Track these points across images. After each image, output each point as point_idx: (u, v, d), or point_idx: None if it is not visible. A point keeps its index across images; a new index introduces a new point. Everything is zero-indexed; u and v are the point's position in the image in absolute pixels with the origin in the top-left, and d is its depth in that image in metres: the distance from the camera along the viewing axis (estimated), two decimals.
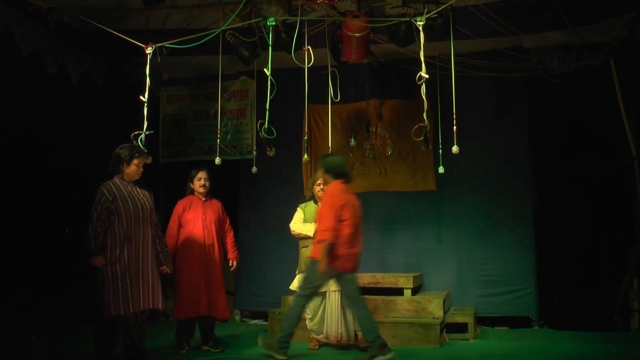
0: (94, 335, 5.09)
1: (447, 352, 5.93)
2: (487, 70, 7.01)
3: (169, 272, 5.30)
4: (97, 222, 4.94)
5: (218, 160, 6.04)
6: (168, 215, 6.15)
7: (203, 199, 6.04)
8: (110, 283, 4.90)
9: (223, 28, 5.75)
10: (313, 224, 5.85)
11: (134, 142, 5.31)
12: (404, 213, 7.68)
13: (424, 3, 5.91)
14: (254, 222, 8.04)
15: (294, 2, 5.94)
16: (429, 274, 7.47)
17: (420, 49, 5.27)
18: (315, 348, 5.98)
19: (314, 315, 5.92)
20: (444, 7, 5.54)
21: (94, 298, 5.01)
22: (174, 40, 5.67)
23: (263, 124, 5.58)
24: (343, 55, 6.26)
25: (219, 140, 6.44)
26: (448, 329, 6.45)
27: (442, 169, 6.14)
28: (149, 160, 5.39)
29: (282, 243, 7.33)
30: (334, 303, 5.83)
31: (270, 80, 5.43)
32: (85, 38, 6.30)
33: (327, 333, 5.88)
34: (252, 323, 7.81)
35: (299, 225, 6.00)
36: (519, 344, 6.23)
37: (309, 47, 5.73)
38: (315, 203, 6.02)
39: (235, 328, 7.46)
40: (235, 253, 6.16)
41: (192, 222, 5.93)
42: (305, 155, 6.07)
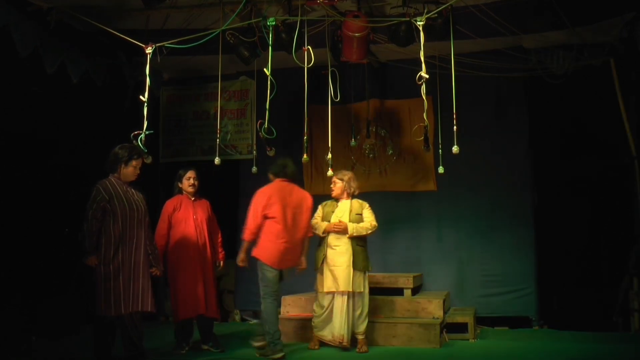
0: (93, 335, 5.08)
1: (447, 352, 5.93)
2: (487, 70, 7.02)
3: (159, 274, 5.25)
4: (92, 220, 4.90)
5: (218, 160, 6.03)
6: None
7: (192, 199, 6.02)
8: (102, 283, 4.88)
9: (223, 28, 5.75)
10: (325, 223, 6.02)
11: (134, 142, 5.30)
12: (404, 213, 7.68)
13: (424, 3, 5.92)
14: None
15: (294, 2, 5.94)
16: (429, 274, 7.49)
17: (420, 49, 5.26)
18: (315, 348, 5.99)
19: (321, 313, 5.95)
20: (444, 7, 5.54)
21: (93, 298, 5.00)
22: (174, 40, 5.66)
23: (263, 124, 5.57)
24: (343, 55, 6.26)
25: (219, 140, 6.42)
26: (448, 329, 6.45)
27: (442, 169, 6.16)
28: (149, 160, 5.38)
29: None
30: (339, 305, 5.85)
31: (270, 80, 5.43)
32: (85, 38, 6.31)
33: (332, 333, 5.92)
34: (252, 323, 7.80)
35: (318, 221, 6.08)
36: (519, 344, 6.23)
37: (309, 47, 5.72)
38: (336, 201, 6.15)
39: (235, 328, 7.47)
40: (223, 253, 6.16)
41: (183, 222, 5.90)
42: (305, 155, 6.06)
